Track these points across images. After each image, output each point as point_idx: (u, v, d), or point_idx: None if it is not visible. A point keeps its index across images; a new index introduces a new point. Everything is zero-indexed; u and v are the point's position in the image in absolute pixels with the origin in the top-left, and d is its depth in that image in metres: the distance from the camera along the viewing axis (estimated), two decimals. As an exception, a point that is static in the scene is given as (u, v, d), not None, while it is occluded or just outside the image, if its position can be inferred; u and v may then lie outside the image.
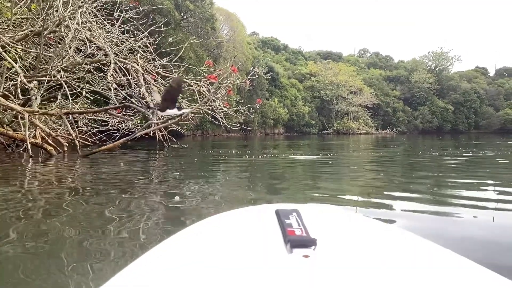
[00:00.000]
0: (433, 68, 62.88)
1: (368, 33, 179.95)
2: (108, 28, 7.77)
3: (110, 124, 8.75)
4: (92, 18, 6.97)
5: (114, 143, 5.92)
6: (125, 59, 7.22)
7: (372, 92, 54.92)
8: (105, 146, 5.80)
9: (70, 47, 6.42)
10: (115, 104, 6.28)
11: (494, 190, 3.52)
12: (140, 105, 5.97)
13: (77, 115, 7.19)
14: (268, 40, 60.70)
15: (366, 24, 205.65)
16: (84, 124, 9.11)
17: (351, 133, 48.14)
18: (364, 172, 5.33)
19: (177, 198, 2.44)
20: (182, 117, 5.62)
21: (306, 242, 0.58)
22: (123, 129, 8.47)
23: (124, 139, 5.89)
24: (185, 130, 8.64)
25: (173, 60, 7.36)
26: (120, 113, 7.98)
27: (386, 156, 8.43)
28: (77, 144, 6.19)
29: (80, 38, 6.30)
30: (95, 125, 9.09)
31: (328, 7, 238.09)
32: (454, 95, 59.62)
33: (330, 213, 0.83)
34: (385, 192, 3.34)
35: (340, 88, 52.79)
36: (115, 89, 6.24)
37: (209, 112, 6.99)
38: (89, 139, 8.72)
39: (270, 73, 19.37)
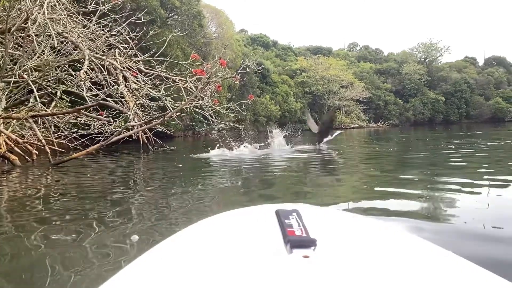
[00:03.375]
0: (423, 59, 62.80)
1: (357, 26, 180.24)
2: (84, 23, 7.15)
3: (92, 127, 8.17)
4: (64, 12, 6.32)
5: (87, 149, 5.31)
6: (103, 55, 6.60)
7: (363, 85, 54.63)
8: (77, 154, 5.20)
9: (40, 44, 5.82)
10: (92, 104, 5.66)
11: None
12: (118, 104, 5.36)
13: (51, 118, 6.55)
14: (257, 37, 60.02)
15: (355, 17, 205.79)
16: (64, 128, 8.50)
17: (343, 127, 47.83)
18: (361, 169, 4.90)
19: (135, 238, 1.83)
20: (166, 118, 5.04)
21: (306, 243, 0.58)
22: (106, 132, 7.87)
23: (97, 145, 5.29)
24: (173, 131, 7.99)
25: (156, 55, 6.73)
26: (102, 114, 7.39)
27: (384, 151, 8.01)
28: (48, 151, 5.56)
29: (51, 33, 5.65)
30: (75, 130, 8.49)
31: (315, 2, 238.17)
32: (444, 86, 59.61)
33: (330, 213, 0.84)
34: (386, 192, 3.12)
35: (331, 82, 52.42)
36: (90, 88, 5.63)
37: (197, 110, 6.41)
38: (70, 144, 8.13)
39: (262, 67, 18.98)
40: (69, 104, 7.82)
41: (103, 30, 6.95)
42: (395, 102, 58.06)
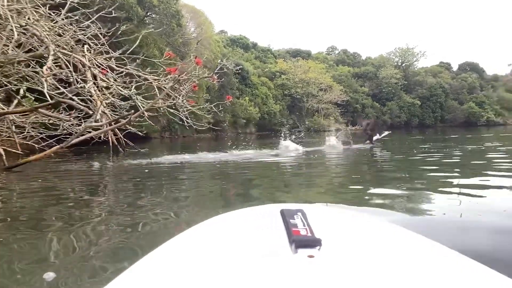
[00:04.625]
0: (399, 64, 63.95)
1: (336, 30, 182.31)
2: (52, 17, 6.71)
3: (61, 127, 7.70)
4: (28, 4, 5.88)
5: (45, 152, 4.92)
6: (71, 51, 6.18)
7: (341, 89, 55.12)
8: (33, 157, 4.81)
9: (1, 38, 5.38)
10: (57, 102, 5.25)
11: None
12: (88, 103, 5.00)
13: (12, 117, 6.08)
14: (237, 38, 59.71)
15: (334, 21, 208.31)
16: (31, 129, 8.01)
17: (322, 130, 48.08)
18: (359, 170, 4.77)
19: (49, 275, 1.45)
20: (133, 117, 4.70)
21: (311, 242, 0.58)
22: (75, 132, 7.43)
23: (56, 147, 4.90)
24: (145, 132, 7.59)
25: (130, 53, 6.34)
26: (71, 114, 6.97)
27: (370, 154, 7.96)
28: (2, 153, 5.11)
29: (12, 26, 5.22)
30: (43, 130, 8.00)
31: (295, 5, 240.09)
32: (420, 90, 60.85)
33: (335, 213, 0.84)
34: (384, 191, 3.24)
35: (310, 85, 52.68)
36: (56, 86, 5.23)
37: (172, 110, 6.09)
38: (36, 145, 7.66)
39: (240, 67, 18.86)
40: (36, 103, 7.35)
41: (72, 25, 6.53)
42: (372, 105, 58.86)
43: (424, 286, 0.49)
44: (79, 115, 6.98)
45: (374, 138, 10.90)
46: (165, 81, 6.50)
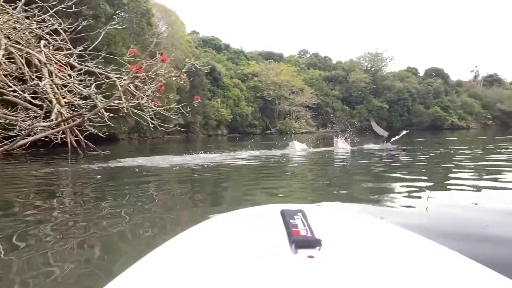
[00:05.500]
0: (369, 68, 65.42)
1: (308, 34, 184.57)
2: (8, 10, 6.27)
3: (19, 127, 7.22)
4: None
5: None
6: (28, 46, 5.79)
7: (313, 92, 55.77)
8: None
9: None
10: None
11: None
12: (40, 101, 4.65)
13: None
14: (209, 39, 59.21)
15: (306, 25, 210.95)
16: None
17: (293, 132, 48.38)
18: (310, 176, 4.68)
19: None
20: (86, 117, 4.41)
21: (311, 243, 0.58)
22: (35, 133, 6.97)
23: (0, 149, 4.54)
24: (107, 133, 7.21)
25: (98, 52, 5.99)
26: (29, 113, 6.54)
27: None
28: None
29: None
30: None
31: (268, 7, 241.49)
32: (388, 94, 62.48)
33: (335, 213, 0.83)
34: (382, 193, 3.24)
35: (282, 88, 52.94)
36: (2, 82, 4.84)
37: (136, 111, 5.81)
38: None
39: (209, 66, 18.63)
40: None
41: (28, 18, 6.13)
42: (342, 108, 59.89)
43: (424, 287, 0.49)
44: (37, 115, 6.57)
45: (393, 139, 11.68)
46: (129, 79, 6.21)
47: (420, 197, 3.04)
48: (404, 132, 12.78)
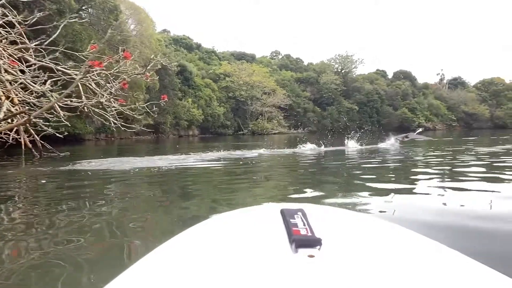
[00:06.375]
0: (339, 70, 66.54)
1: (280, 35, 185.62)
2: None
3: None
4: None
5: None
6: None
7: (285, 93, 56.09)
8: None
9: None
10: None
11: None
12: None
13: None
14: (180, 38, 58.37)
15: (277, 26, 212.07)
16: None
17: (265, 133, 48.42)
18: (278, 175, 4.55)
19: None
20: (31, 116, 4.07)
21: (311, 242, 0.58)
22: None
23: None
24: (66, 134, 6.73)
25: (45, 43, 5.58)
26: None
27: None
28: None
29: None
30: None
31: (240, 8, 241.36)
32: (358, 96, 63.79)
33: (335, 213, 0.83)
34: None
35: (254, 88, 52.91)
36: None
37: (96, 110, 5.46)
38: None
39: (176, 63, 18.26)
40: None
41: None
42: (314, 110, 60.57)
43: (424, 286, 0.49)
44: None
45: (410, 136, 13.45)
46: (91, 77, 5.85)
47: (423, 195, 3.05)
48: (420, 129, 15.40)
